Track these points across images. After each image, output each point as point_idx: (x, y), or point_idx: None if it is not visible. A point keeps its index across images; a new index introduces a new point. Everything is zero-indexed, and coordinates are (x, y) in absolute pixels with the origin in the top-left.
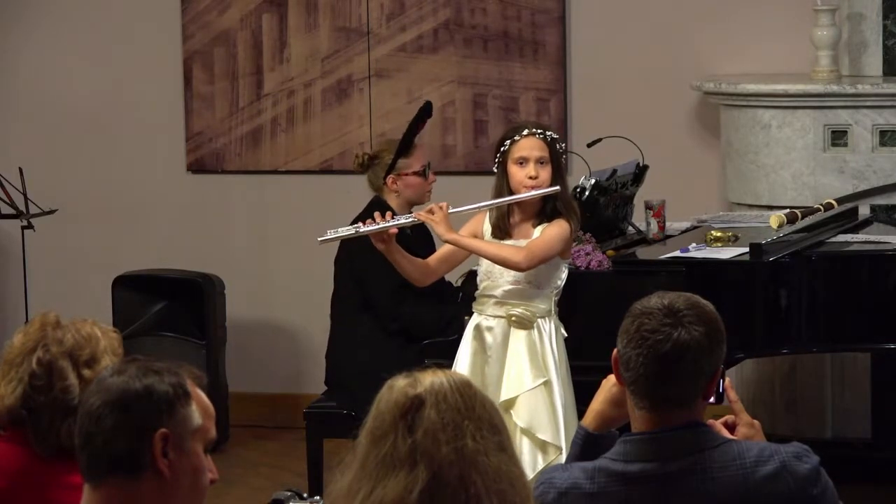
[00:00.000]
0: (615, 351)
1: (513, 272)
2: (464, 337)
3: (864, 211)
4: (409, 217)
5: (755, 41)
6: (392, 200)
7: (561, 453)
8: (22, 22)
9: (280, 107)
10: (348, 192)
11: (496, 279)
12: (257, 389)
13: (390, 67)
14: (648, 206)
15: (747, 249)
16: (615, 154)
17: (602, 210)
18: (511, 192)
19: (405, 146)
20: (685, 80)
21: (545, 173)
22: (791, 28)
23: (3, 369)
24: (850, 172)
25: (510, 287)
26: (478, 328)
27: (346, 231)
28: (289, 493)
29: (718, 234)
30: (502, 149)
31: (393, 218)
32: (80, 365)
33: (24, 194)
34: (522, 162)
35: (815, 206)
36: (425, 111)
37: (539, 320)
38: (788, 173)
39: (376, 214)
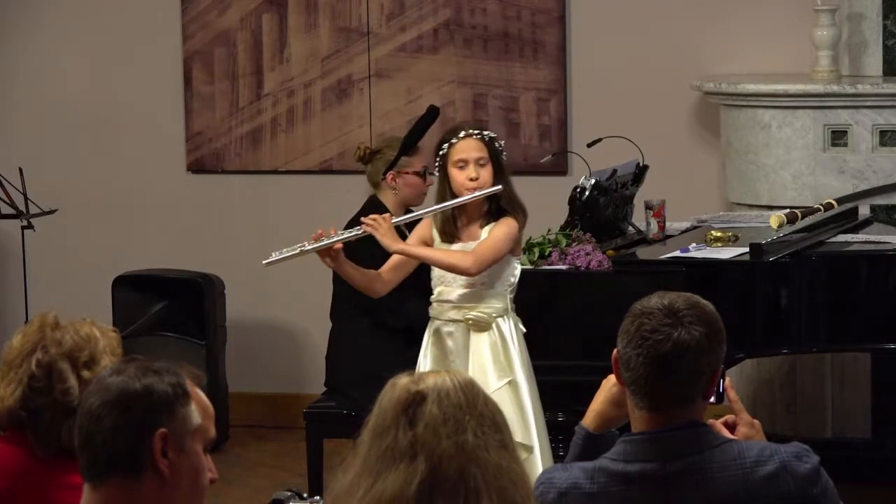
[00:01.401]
0: (615, 351)
1: None
2: (423, 344)
3: (864, 211)
4: (354, 230)
5: (755, 41)
6: (388, 198)
7: (532, 453)
8: (22, 22)
9: (280, 107)
10: (348, 192)
11: (450, 284)
12: (257, 389)
13: (390, 67)
14: (648, 206)
15: (747, 249)
16: (615, 154)
17: (602, 210)
18: (454, 196)
19: (410, 144)
20: (685, 80)
21: (486, 174)
22: (791, 28)
23: (2, 370)
24: (850, 172)
25: (464, 290)
26: (437, 333)
27: (291, 251)
28: (289, 493)
29: (718, 234)
30: (441, 153)
31: (336, 233)
32: (79, 366)
33: (24, 194)
34: (462, 164)
35: (815, 206)
36: (434, 114)
37: (497, 320)
38: (788, 173)
39: (320, 230)
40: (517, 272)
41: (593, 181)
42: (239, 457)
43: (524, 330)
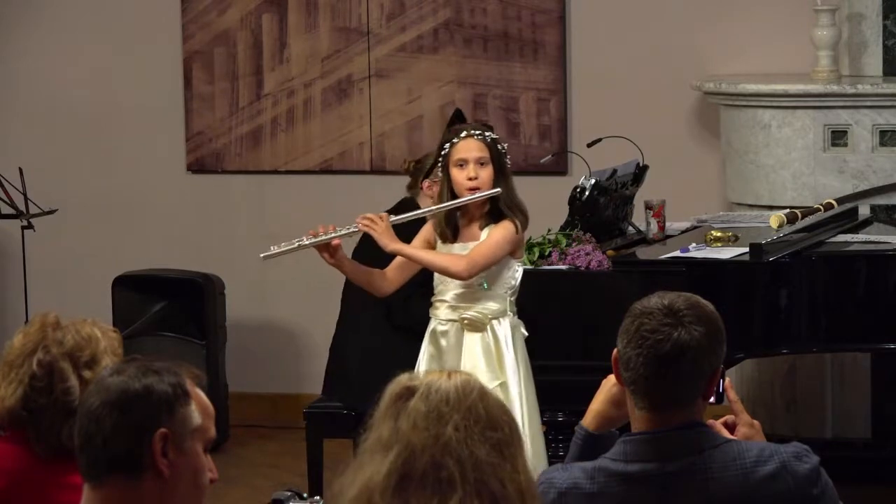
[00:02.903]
0: (615, 351)
1: None
2: (423, 343)
3: (864, 211)
4: (351, 227)
5: (755, 41)
6: (425, 204)
7: None
8: (22, 22)
9: (280, 107)
10: (348, 192)
11: (447, 283)
12: (257, 389)
13: (390, 67)
14: (648, 206)
15: (747, 249)
16: (615, 154)
17: (602, 210)
18: (454, 196)
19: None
20: (685, 80)
21: (486, 174)
22: (791, 28)
23: (3, 370)
24: (850, 172)
25: (461, 290)
26: (433, 333)
27: (289, 246)
28: (289, 493)
29: (718, 234)
30: (443, 152)
31: (335, 230)
32: (80, 366)
33: (24, 194)
34: (462, 164)
35: (815, 206)
36: (458, 120)
37: (493, 322)
38: (788, 173)
39: (319, 227)
40: (518, 275)
41: (593, 181)
42: (239, 457)
43: (526, 334)
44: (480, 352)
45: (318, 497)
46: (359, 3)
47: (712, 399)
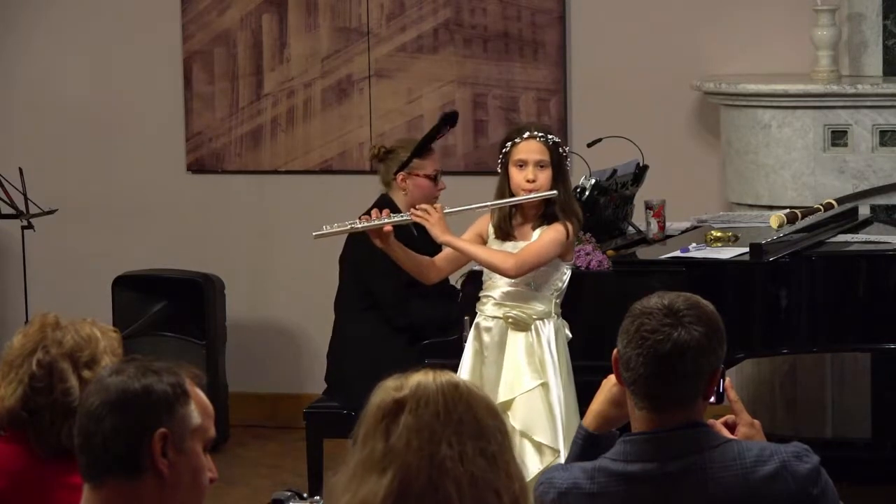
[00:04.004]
0: (615, 351)
1: None
2: (468, 338)
3: (864, 211)
4: (405, 216)
5: (755, 41)
6: (399, 199)
7: (558, 456)
8: (22, 22)
9: (280, 107)
10: (348, 192)
11: (496, 280)
12: (257, 389)
13: (390, 67)
14: (648, 206)
15: (747, 249)
16: (615, 154)
17: (602, 210)
18: (511, 194)
19: (423, 147)
20: (685, 80)
21: (544, 177)
22: (791, 28)
23: (3, 370)
24: (850, 172)
25: (508, 288)
26: (477, 328)
27: (341, 227)
28: (289, 493)
29: (718, 234)
30: (504, 150)
31: (389, 216)
32: (80, 366)
33: (24, 194)
34: (521, 165)
35: (815, 206)
36: (450, 119)
37: (537, 322)
38: (788, 173)
39: (373, 211)
40: (566, 277)
41: (593, 181)
42: (239, 457)
43: (570, 336)
44: (523, 351)
45: (318, 497)
46: (359, 3)
47: (712, 399)
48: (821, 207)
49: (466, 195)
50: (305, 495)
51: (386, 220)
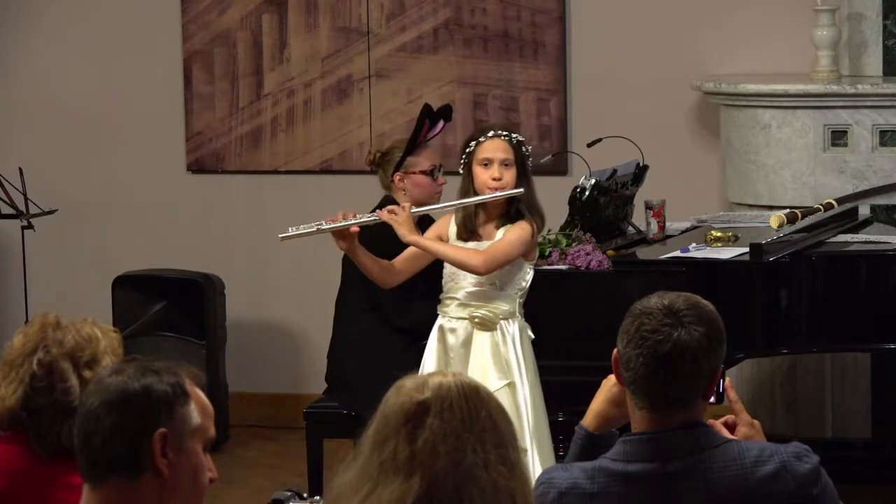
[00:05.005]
0: (615, 351)
1: None
2: (429, 339)
3: (864, 211)
4: (371, 216)
5: (755, 41)
6: (400, 199)
7: (526, 455)
8: (22, 22)
9: (280, 107)
10: (348, 192)
11: (459, 281)
12: (257, 389)
13: (390, 67)
14: (648, 206)
15: (747, 249)
16: (615, 154)
17: (602, 210)
18: (476, 194)
19: (412, 144)
20: (685, 80)
21: (509, 175)
22: (791, 28)
23: (3, 370)
24: (850, 172)
25: (473, 289)
26: (441, 330)
27: (308, 228)
28: (289, 493)
29: (718, 234)
30: (468, 150)
31: (355, 217)
32: (80, 366)
33: (24, 194)
34: (487, 163)
35: (815, 206)
36: (426, 112)
37: (502, 322)
38: (788, 173)
39: (339, 213)
40: (529, 277)
41: (593, 181)
42: (239, 457)
43: (532, 336)
44: (489, 351)
45: (318, 497)
46: (359, 3)
47: (712, 399)
48: (821, 207)
49: None
50: (305, 495)
51: (353, 221)
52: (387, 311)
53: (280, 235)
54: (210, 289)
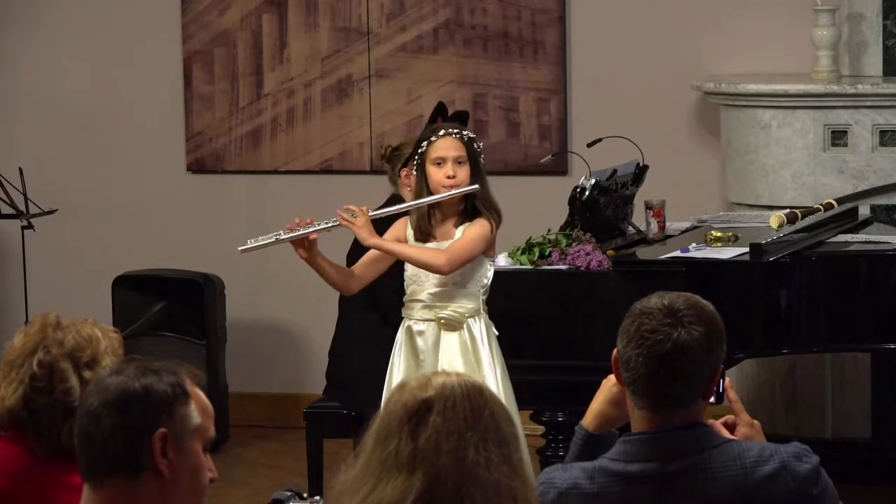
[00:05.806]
0: (615, 351)
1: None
2: (395, 342)
3: (864, 211)
4: (330, 222)
5: (755, 41)
6: (407, 196)
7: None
8: (21, 22)
9: (280, 107)
10: (348, 192)
11: (422, 283)
12: (257, 389)
13: (390, 67)
14: (648, 206)
15: (747, 249)
16: (615, 154)
17: (602, 210)
18: (430, 193)
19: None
20: (685, 80)
21: (463, 173)
22: (791, 28)
23: (3, 370)
24: (850, 172)
25: (436, 289)
26: (409, 332)
27: (266, 239)
28: (289, 493)
29: (718, 234)
30: (419, 150)
31: (313, 223)
32: (80, 366)
33: (24, 194)
34: (440, 162)
35: (815, 206)
36: (439, 111)
37: (468, 320)
38: (788, 173)
39: (297, 220)
40: (490, 274)
41: (593, 181)
42: (239, 457)
43: (496, 333)
44: (458, 351)
45: (318, 497)
46: (359, 3)
47: (712, 399)
48: (821, 207)
49: None
50: (305, 495)
51: (311, 229)
52: (388, 310)
53: (240, 248)
54: (210, 289)
